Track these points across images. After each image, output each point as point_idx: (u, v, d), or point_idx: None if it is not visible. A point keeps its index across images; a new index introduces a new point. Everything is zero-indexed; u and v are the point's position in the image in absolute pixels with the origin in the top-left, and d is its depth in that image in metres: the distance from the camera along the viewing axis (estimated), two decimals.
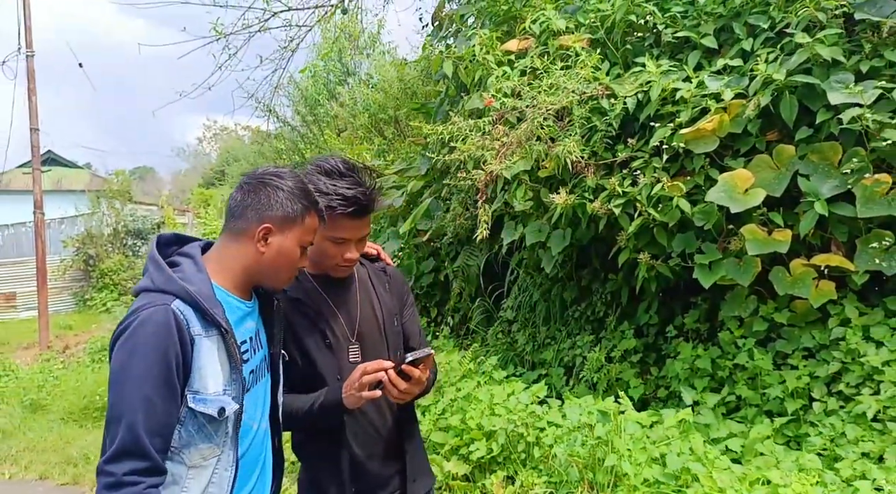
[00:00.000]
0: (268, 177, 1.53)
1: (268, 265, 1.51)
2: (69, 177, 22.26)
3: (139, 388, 1.33)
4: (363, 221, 1.72)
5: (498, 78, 4.14)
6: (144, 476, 1.31)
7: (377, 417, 1.81)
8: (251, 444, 1.56)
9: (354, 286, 1.85)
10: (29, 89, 12.05)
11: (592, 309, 4.72)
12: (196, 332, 1.40)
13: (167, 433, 1.36)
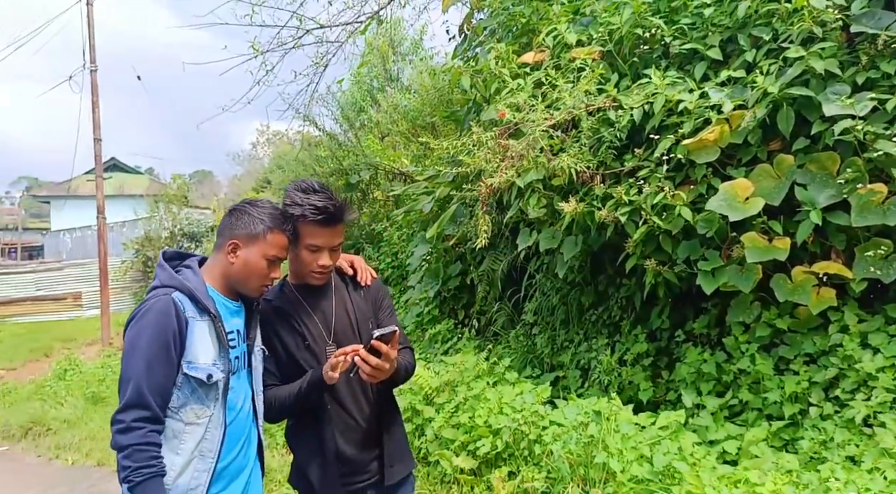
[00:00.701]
0: (241, 205, 1.91)
1: (237, 273, 1.87)
2: (131, 182, 23.43)
3: (143, 357, 1.69)
4: (334, 230, 1.97)
5: (512, 90, 4.32)
6: (147, 423, 1.67)
7: (357, 409, 2.04)
8: (236, 418, 1.88)
9: (330, 292, 2.10)
10: (93, 102, 12.83)
11: (609, 314, 4.84)
12: (190, 315, 1.76)
13: (166, 392, 1.71)
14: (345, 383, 2.01)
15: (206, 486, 1.77)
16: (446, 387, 4.00)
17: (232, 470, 1.87)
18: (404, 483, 2.13)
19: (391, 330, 1.86)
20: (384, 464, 2.05)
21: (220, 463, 1.81)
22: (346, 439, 2.01)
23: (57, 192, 21.93)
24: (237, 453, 1.89)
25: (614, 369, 4.29)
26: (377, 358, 1.84)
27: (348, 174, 7.97)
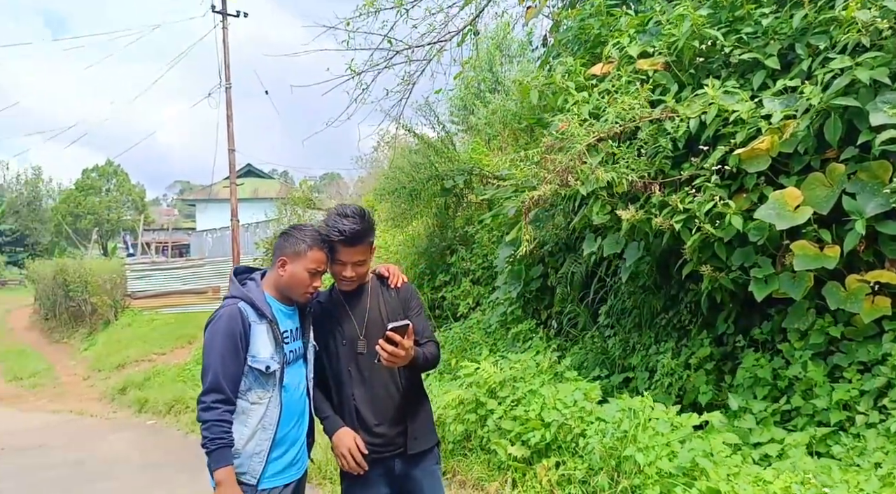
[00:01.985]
0: (289, 229, 2.40)
1: (286, 284, 2.34)
2: (264, 186, 25.57)
3: (218, 352, 2.21)
4: (354, 249, 2.37)
5: (577, 102, 4.55)
6: (222, 404, 2.18)
7: (387, 394, 2.45)
8: (291, 399, 2.36)
9: (367, 294, 2.52)
10: (227, 116, 14.30)
11: (678, 318, 4.92)
12: (252, 320, 2.26)
13: (236, 380, 2.23)
14: (378, 374, 2.43)
15: (267, 451, 2.27)
16: (510, 382, 4.31)
17: (288, 440, 2.36)
18: (427, 454, 2.51)
19: (404, 323, 2.25)
20: (408, 437, 2.44)
21: (279, 434, 2.30)
22: (377, 417, 2.43)
23: (201, 196, 24.49)
24: (292, 426, 2.37)
25: (675, 371, 4.41)
26: (393, 346, 2.23)
27: (443, 179, 8.43)
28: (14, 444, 8.86)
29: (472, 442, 4.33)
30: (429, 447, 2.52)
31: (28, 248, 41.83)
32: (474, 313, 8.20)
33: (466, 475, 4.09)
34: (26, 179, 46.35)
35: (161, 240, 31.89)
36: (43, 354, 18.97)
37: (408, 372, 2.48)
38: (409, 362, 2.32)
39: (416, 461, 2.48)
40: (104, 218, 38.93)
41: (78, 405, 12.64)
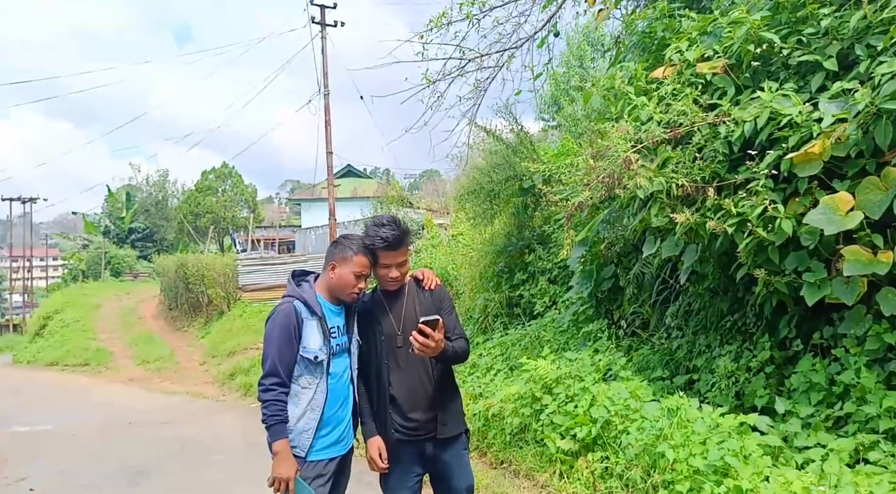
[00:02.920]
0: (339, 238, 2.78)
1: (335, 285, 2.71)
2: (363, 185, 26.66)
3: (276, 343, 2.60)
4: (396, 253, 2.71)
5: (636, 107, 4.64)
6: (278, 387, 2.59)
7: (420, 385, 2.75)
8: (336, 385, 2.73)
9: (404, 295, 2.83)
10: (325, 121, 15.16)
11: (744, 321, 4.88)
12: (304, 317, 2.65)
13: (290, 366, 2.62)
14: (413, 366, 2.73)
15: (314, 429, 2.66)
16: (565, 379, 4.49)
17: (334, 420, 2.73)
18: (455, 439, 2.79)
19: (434, 318, 2.55)
20: (438, 423, 2.73)
21: (325, 415, 2.68)
22: (411, 404, 2.74)
23: (305, 196, 25.96)
24: (337, 409, 2.74)
25: (734, 374, 4.41)
26: (424, 338, 2.52)
27: (521, 179, 8.60)
28: (142, 420, 10.03)
29: (527, 435, 4.55)
30: (457, 433, 2.80)
31: (156, 244, 45.95)
32: (550, 311, 8.34)
33: (520, 465, 4.33)
34: (155, 181, 50.88)
35: (269, 237, 34.11)
36: (166, 341, 20.94)
37: (439, 366, 2.78)
38: (439, 353, 2.61)
39: (446, 445, 2.77)
40: (220, 216, 42.10)
41: (194, 387, 13.96)
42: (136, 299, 29.80)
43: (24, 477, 6.76)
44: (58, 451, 8.07)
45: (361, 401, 2.83)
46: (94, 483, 6.30)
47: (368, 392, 2.84)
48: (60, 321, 25.57)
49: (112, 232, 44.86)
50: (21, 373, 20.16)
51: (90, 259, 40.45)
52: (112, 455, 7.53)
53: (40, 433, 9.49)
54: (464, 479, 2.81)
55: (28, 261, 43.00)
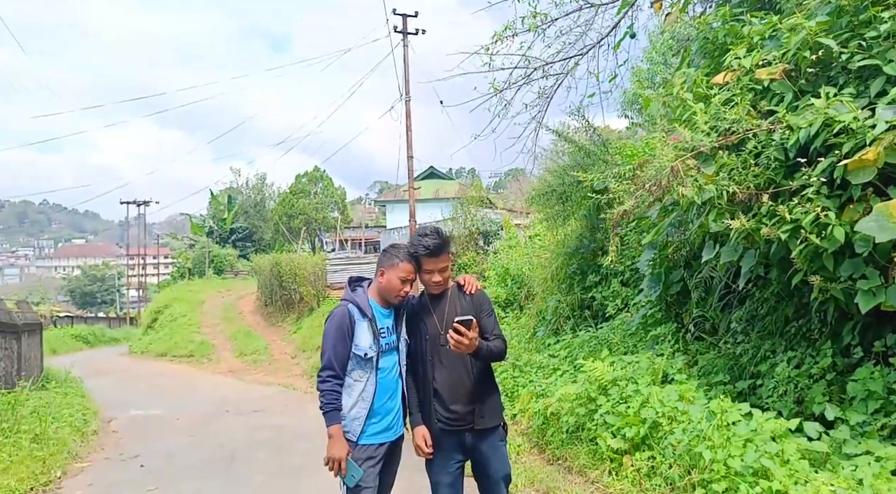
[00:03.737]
0: (387, 248, 3.10)
1: (384, 289, 3.05)
2: (445, 186, 27.17)
3: (332, 340, 2.97)
4: (437, 260, 3.03)
5: (695, 113, 4.69)
6: (333, 379, 2.96)
7: (459, 378, 3.03)
8: (385, 379, 3.07)
9: (447, 299, 3.13)
10: (406, 126, 15.68)
11: (808, 326, 4.83)
12: (357, 319, 3.00)
13: (344, 361, 2.98)
14: (455, 363, 3.02)
15: (364, 417, 3.01)
16: (620, 381, 4.63)
17: (383, 410, 3.07)
18: (493, 431, 3.06)
19: (468, 318, 2.83)
20: (476, 415, 3.00)
21: (374, 405, 3.03)
22: (452, 397, 3.03)
23: (389, 198, 26.86)
24: (386, 400, 3.07)
25: (793, 380, 4.39)
26: (458, 336, 2.81)
27: (593, 181, 8.67)
28: (238, 408, 10.90)
29: (582, 434, 4.72)
30: (493, 425, 3.06)
31: (255, 244, 48.62)
32: (621, 314, 8.36)
33: (574, 462, 4.51)
34: (254, 184, 53.83)
35: (356, 237, 35.40)
36: (262, 335, 22.28)
37: (478, 363, 3.06)
38: (475, 350, 2.88)
39: (483, 436, 3.04)
40: (312, 217, 44.07)
41: (286, 379, 14.88)
42: (235, 295, 31.75)
43: (137, 455, 7.60)
44: (165, 434, 8.96)
45: (409, 394, 3.15)
46: (194, 464, 7.00)
47: (416, 385, 3.14)
48: (169, 315, 27.74)
49: (215, 232, 47.92)
50: (135, 363, 22.11)
51: (196, 257, 43.43)
52: (210, 439, 8.29)
53: (151, 417, 10.51)
54: (501, 468, 3.06)
55: (142, 259, 46.76)
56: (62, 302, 70.30)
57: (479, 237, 18.55)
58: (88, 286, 78.24)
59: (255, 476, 6.24)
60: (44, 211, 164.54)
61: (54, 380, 12.55)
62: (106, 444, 8.43)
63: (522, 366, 7.54)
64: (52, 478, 6.41)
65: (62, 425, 8.27)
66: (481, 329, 3.05)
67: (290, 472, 6.42)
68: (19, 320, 11.88)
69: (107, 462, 7.34)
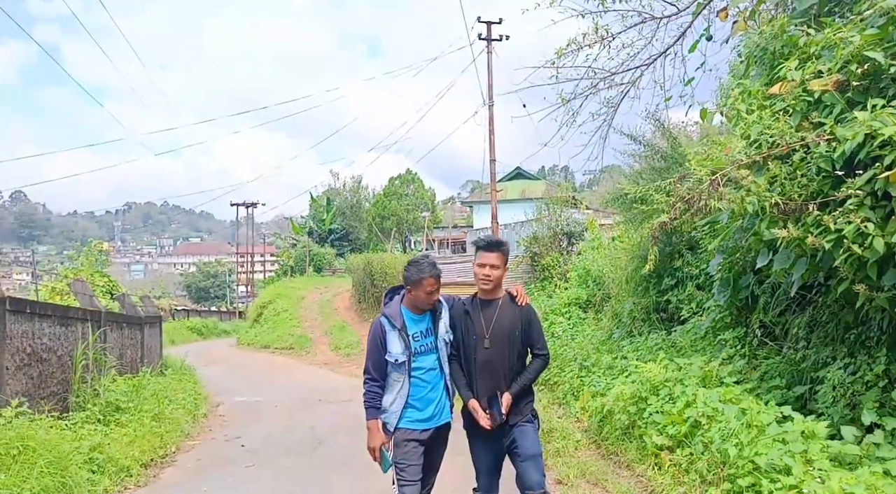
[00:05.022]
0: (408, 265, 3.52)
1: (415, 300, 3.47)
2: (531, 187, 27.33)
3: (369, 348, 3.48)
4: (491, 254, 3.43)
5: (748, 124, 4.82)
6: (372, 381, 3.48)
7: (495, 382, 3.43)
8: (423, 376, 3.49)
9: (497, 306, 3.49)
10: (489, 130, 16.10)
11: (867, 334, 4.83)
12: (387, 329, 3.47)
13: (379, 365, 3.46)
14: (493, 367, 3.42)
15: (401, 410, 3.47)
16: (670, 382, 4.85)
17: (423, 402, 3.49)
18: (523, 424, 3.42)
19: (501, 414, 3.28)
20: (510, 414, 3.39)
21: (410, 400, 3.48)
22: (489, 392, 3.41)
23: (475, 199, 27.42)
24: (427, 392, 3.50)
25: (847, 386, 4.46)
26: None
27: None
28: (329, 397, 11.77)
29: (633, 431, 4.97)
30: (522, 419, 3.45)
31: (351, 243, 50.70)
32: (695, 318, 8.39)
33: (623, 457, 4.78)
34: (351, 186, 56.10)
35: (443, 237, 36.22)
36: (355, 330, 23.45)
37: (514, 368, 3.44)
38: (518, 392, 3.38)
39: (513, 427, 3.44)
40: (403, 219, 45.46)
41: None
42: (332, 292, 33.42)
43: (238, 436, 8.52)
44: (264, 418, 9.90)
45: (457, 376, 3.54)
46: (287, 445, 7.79)
47: (462, 369, 3.54)
48: (273, 310, 29.66)
49: (315, 232, 50.37)
50: (242, 354, 23.92)
51: (297, 256, 45.89)
52: (303, 424, 9.11)
53: (253, 403, 11.58)
54: (530, 448, 3.40)
55: (250, 257, 49.98)
56: (179, 297, 76.26)
57: (563, 238, 18.65)
58: (203, 282, 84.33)
59: (336, 457, 6.89)
60: (165, 211, 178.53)
61: (171, 368, 14.01)
62: (213, 426, 9.46)
63: (590, 367, 7.78)
64: (168, 452, 7.37)
65: (177, 407, 9.36)
66: (529, 344, 3.45)
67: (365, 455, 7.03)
68: (143, 313, 13.37)
69: (213, 442, 8.29)
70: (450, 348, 3.60)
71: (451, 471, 4.00)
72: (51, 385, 7.23)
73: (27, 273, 35.50)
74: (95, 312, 9.31)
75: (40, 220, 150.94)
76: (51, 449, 5.04)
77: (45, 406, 6.60)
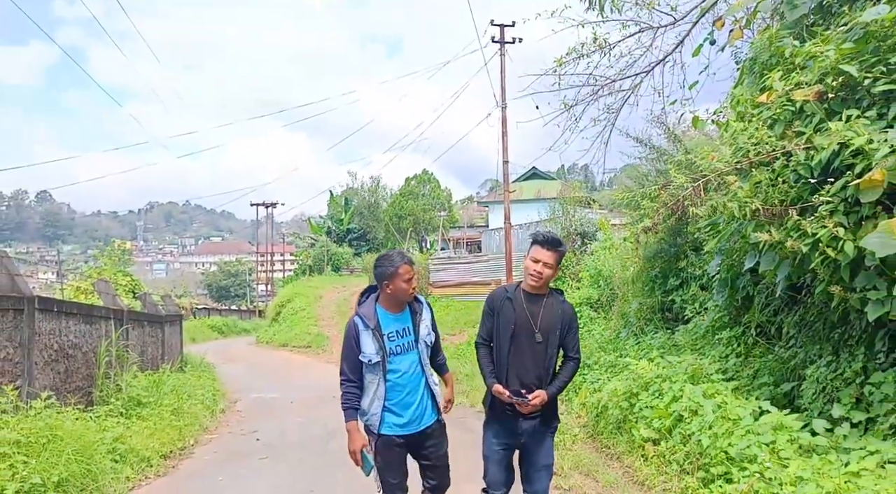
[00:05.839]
0: (378, 260, 3.49)
1: (394, 296, 3.43)
2: (547, 187, 27.46)
3: (344, 349, 3.45)
4: (547, 253, 3.30)
5: (735, 132, 5.03)
6: (348, 383, 3.42)
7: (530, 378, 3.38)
8: (402, 379, 3.45)
9: (543, 303, 3.40)
10: (502, 132, 16.31)
11: (850, 333, 5.01)
12: (361, 329, 3.44)
13: (354, 366, 3.42)
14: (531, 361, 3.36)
15: (380, 412, 3.40)
16: (659, 379, 5.07)
17: (401, 405, 3.41)
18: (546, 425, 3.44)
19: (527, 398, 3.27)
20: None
21: (388, 403, 3.41)
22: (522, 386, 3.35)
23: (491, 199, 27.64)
24: (404, 396, 3.41)
25: (826, 383, 4.65)
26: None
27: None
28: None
29: (625, 425, 5.21)
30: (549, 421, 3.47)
31: (369, 243, 51.18)
32: (698, 317, 8.56)
33: (615, 450, 5.01)
34: (369, 186, 56.60)
35: (459, 237, 36.50)
36: None
37: (550, 370, 3.40)
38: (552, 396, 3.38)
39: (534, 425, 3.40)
40: (420, 218, 45.81)
41: None
42: (350, 291, 33.78)
43: (254, 431, 8.86)
44: (279, 415, 10.25)
45: (484, 363, 3.48)
46: (301, 440, 8.12)
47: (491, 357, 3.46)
48: (291, 309, 30.12)
49: (333, 232, 50.94)
50: (261, 352, 24.40)
51: (315, 255, 46.43)
52: (317, 420, 9.42)
53: (269, 400, 11.94)
54: (544, 458, 3.41)
55: (270, 257, 50.72)
56: (200, 295, 77.43)
57: (577, 238, 18.80)
58: (223, 281, 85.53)
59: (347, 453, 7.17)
60: (187, 211, 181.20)
61: (191, 365, 14.45)
62: (230, 421, 9.83)
63: (591, 365, 8.00)
64: (186, 445, 7.73)
65: (195, 402, 9.74)
66: (565, 346, 3.44)
67: None
68: (164, 312, 13.82)
69: (230, 436, 8.64)
70: (430, 351, 3.58)
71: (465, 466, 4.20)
72: (76, 380, 7.63)
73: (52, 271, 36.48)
74: (118, 311, 9.73)
75: (65, 220, 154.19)
76: (77, 439, 5.39)
77: (71, 399, 6.99)
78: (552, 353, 3.42)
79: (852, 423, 3.80)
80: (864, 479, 2.99)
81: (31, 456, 4.74)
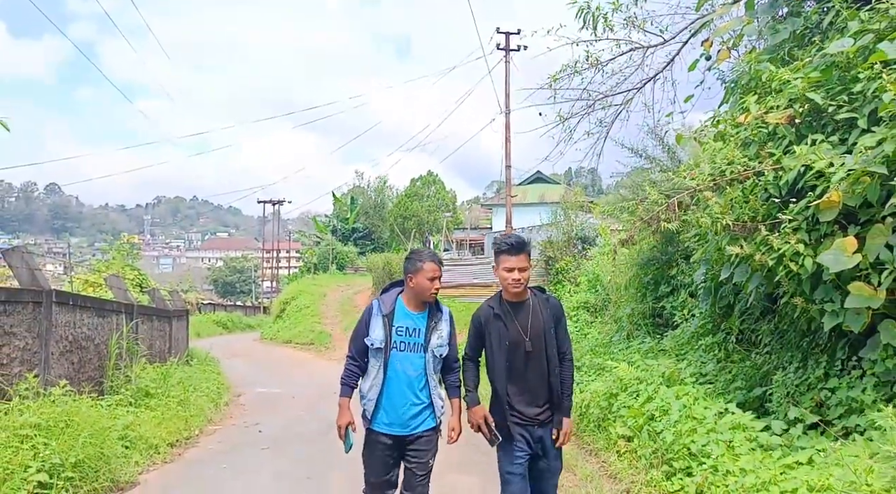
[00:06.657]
0: (409, 254, 3.66)
1: (416, 291, 3.51)
2: (550, 191, 27.76)
3: (355, 329, 3.65)
4: (517, 258, 3.29)
5: (714, 151, 5.36)
6: (350, 359, 3.58)
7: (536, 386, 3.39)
8: (397, 376, 3.48)
9: (528, 308, 3.40)
10: (506, 137, 16.64)
11: (818, 341, 5.34)
12: (374, 313, 3.54)
13: (362, 349, 3.52)
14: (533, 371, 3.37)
15: (376, 399, 3.46)
16: (637, 381, 5.41)
17: (390, 406, 3.45)
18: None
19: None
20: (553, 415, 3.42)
21: (382, 398, 3.44)
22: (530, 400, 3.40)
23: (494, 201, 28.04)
24: (396, 396, 3.44)
25: (792, 387, 4.98)
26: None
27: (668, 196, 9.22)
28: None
29: (604, 424, 5.55)
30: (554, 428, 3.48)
31: (374, 242, 51.61)
32: (686, 323, 8.89)
33: (593, 446, 5.35)
34: (375, 186, 57.03)
35: (462, 239, 36.89)
36: None
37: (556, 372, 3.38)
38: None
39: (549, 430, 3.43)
40: (424, 219, 46.24)
41: None
42: (353, 290, 34.18)
43: (257, 423, 9.23)
44: (282, 408, 10.61)
45: (468, 376, 3.49)
46: (302, 432, 8.48)
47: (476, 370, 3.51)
48: (295, 306, 30.51)
49: (338, 230, 51.39)
50: (265, 348, 24.79)
51: (320, 254, 46.87)
52: (318, 414, 9.78)
53: (271, 394, 12.31)
54: (556, 463, 3.46)
55: (276, 254, 51.21)
56: (206, 291, 78.01)
57: (577, 242, 19.11)
58: (229, 277, 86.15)
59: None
60: (194, 206, 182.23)
61: (196, 359, 14.83)
62: (234, 414, 10.20)
63: (580, 367, 8.33)
64: (192, 435, 8.11)
65: (201, 395, 10.11)
66: (557, 345, 3.41)
67: None
68: (171, 307, 14.22)
69: (233, 428, 9.01)
70: (440, 364, 3.55)
71: None
72: (88, 370, 8.01)
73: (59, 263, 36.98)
74: (129, 305, 10.11)
75: (73, 212, 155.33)
76: (91, 425, 5.76)
77: (85, 388, 7.37)
78: (554, 356, 3.39)
79: (806, 425, 4.13)
80: (797, 470, 3.33)
81: (50, 439, 5.11)
